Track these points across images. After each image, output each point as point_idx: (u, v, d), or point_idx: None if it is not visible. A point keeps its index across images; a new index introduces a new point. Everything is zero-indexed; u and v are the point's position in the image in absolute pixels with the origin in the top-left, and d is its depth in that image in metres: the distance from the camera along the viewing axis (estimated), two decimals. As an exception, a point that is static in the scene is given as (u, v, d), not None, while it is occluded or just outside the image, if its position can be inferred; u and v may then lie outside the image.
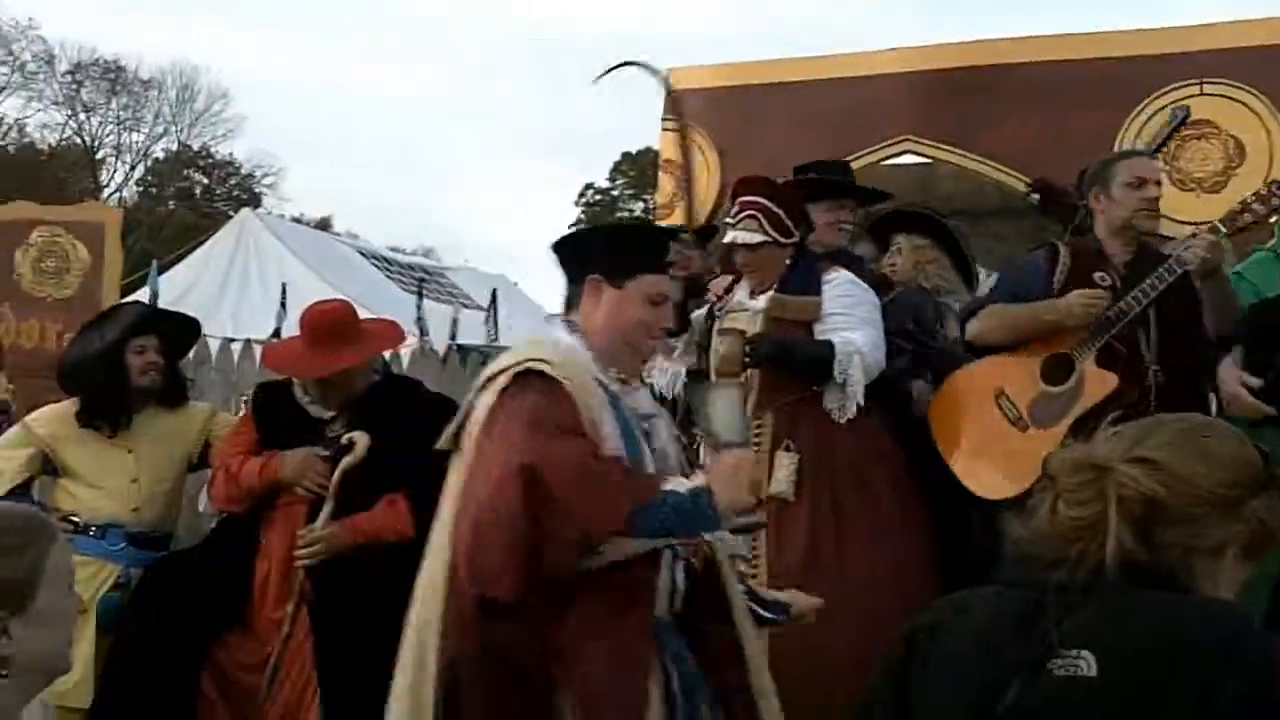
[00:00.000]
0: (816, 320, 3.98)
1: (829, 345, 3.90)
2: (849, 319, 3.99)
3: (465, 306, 13.70)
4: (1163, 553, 1.73)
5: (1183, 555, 1.74)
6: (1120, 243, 3.88)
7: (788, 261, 4.09)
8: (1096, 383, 3.68)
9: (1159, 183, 3.88)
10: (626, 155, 36.46)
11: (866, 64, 6.96)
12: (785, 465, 3.83)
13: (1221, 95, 6.03)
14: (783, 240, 4.06)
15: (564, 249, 2.88)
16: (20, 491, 4.37)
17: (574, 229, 4.71)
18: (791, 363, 3.94)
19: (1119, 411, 3.52)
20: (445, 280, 16.95)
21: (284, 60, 56.16)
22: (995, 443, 3.90)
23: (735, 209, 4.11)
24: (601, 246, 2.87)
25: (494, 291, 12.21)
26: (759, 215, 4.01)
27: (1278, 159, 5.84)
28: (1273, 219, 3.61)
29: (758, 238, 4.01)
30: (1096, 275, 3.83)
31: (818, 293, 4.03)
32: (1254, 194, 3.60)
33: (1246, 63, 6.00)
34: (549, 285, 5.37)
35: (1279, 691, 1.56)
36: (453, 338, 10.05)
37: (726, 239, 4.12)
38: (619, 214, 34.90)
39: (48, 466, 4.48)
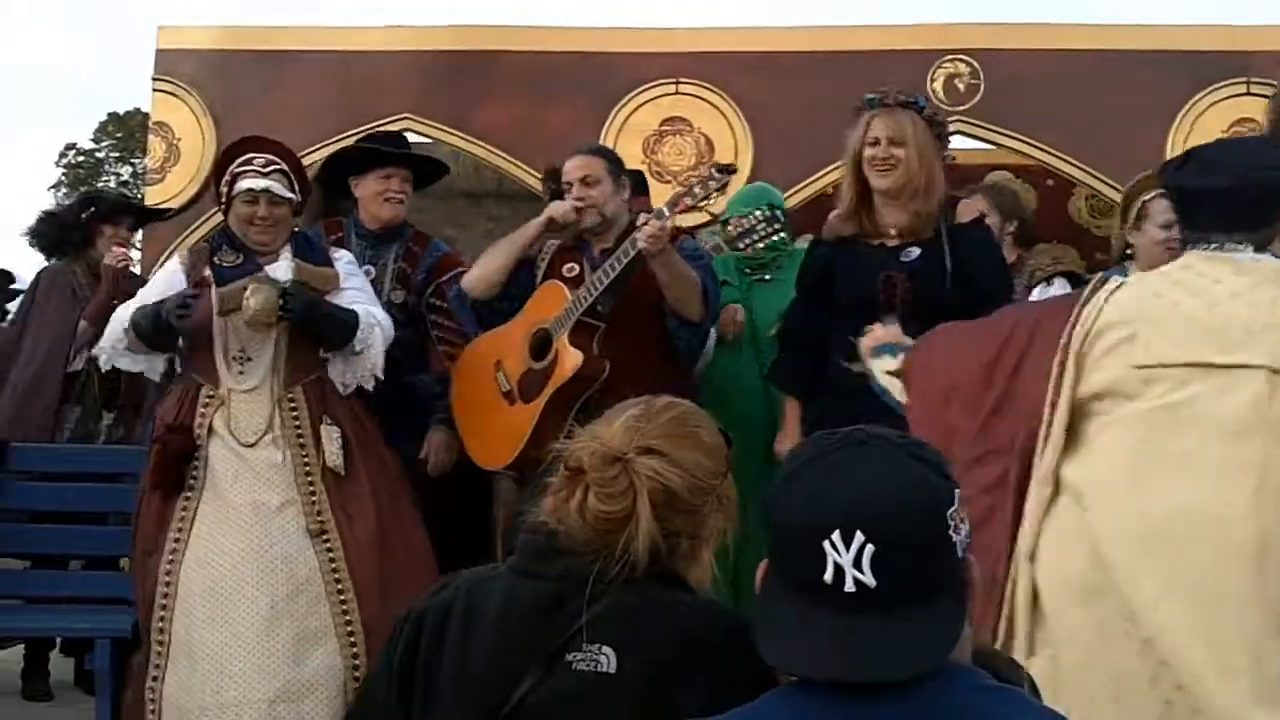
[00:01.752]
0: (333, 292, 3.89)
1: (354, 312, 3.83)
2: (363, 293, 3.96)
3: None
4: (671, 542, 1.79)
5: (683, 544, 1.81)
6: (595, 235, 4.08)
7: (294, 230, 3.98)
8: (565, 360, 3.80)
9: (584, 180, 4.00)
10: (113, 115, 34.15)
11: (365, 39, 6.95)
12: (332, 438, 3.75)
13: (695, 95, 6.56)
14: (298, 207, 3.97)
15: None
16: None
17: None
18: (320, 321, 3.80)
19: (595, 390, 3.81)
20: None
21: None
22: (491, 413, 4.00)
23: (258, 161, 3.86)
24: None
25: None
26: (288, 174, 3.87)
27: (742, 153, 6.42)
28: (710, 200, 3.79)
29: (287, 193, 3.85)
30: (565, 267, 4.03)
31: (330, 264, 3.96)
32: (697, 178, 3.79)
33: (715, 66, 6.56)
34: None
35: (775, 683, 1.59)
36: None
37: (248, 185, 3.81)
38: (104, 177, 32.66)
39: None
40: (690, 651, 1.73)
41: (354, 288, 3.94)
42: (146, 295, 3.90)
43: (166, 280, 3.96)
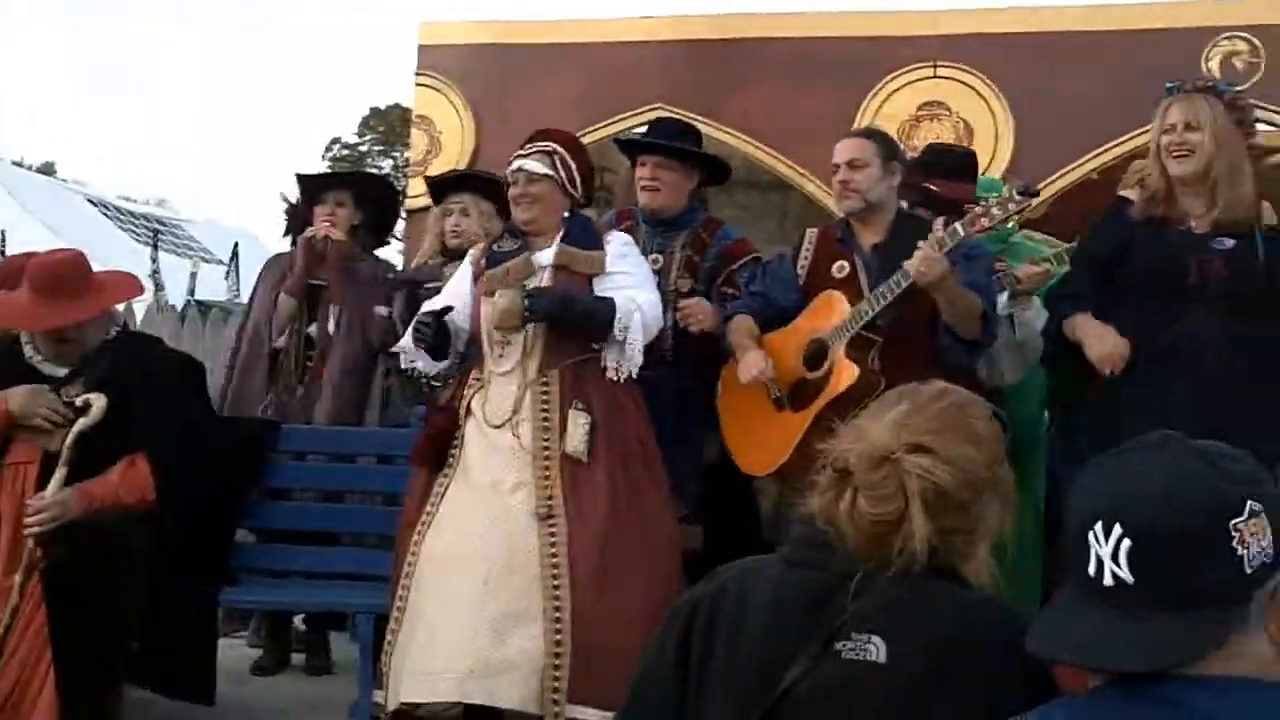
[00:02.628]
0: (599, 274, 3.91)
1: (610, 301, 3.85)
2: (632, 277, 3.95)
3: (205, 260, 13.20)
4: (947, 539, 1.75)
5: (958, 540, 1.77)
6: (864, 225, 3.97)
7: (565, 214, 3.99)
8: (841, 374, 3.75)
9: (851, 164, 3.90)
10: (375, 110, 35.70)
11: (620, 30, 7.01)
12: (579, 424, 3.77)
13: (954, 78, 6.35)
14: (566, 187, 3.97)
15: None
16: None
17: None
18: (571, 317, 3.84)
19: (869, 404, 3.68)
20: (182, 233, 16.27)
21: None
22: (760, 420, 3.96)
23: (527, 145, 3.98)
24: None
25: (235, 245, 11.77)
26: (551, 155, 3.92)
27: (1003, 139, 6.19)
28: (1009, 224, 3.71)
29: (543, 169, 3.90)
30: (835, 266, 3.94)
31: (600, 248, 3.98)
32: (997, 199, 3.66)
33: (975, 48, 6.34)
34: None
35: (1054, 688, 1.60)
36: (191, 293, 9.66)
37: (511, 167, 3.94)
38: (368, 170, 34.18)
39: None
40: (960, 646, 1.69)
41: (622, 271, 3.94)
42: (435, 301, 4.07)
43: (456, 282, 4.12)
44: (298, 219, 5.25)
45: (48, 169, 30.16)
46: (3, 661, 3.60)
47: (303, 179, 5.25)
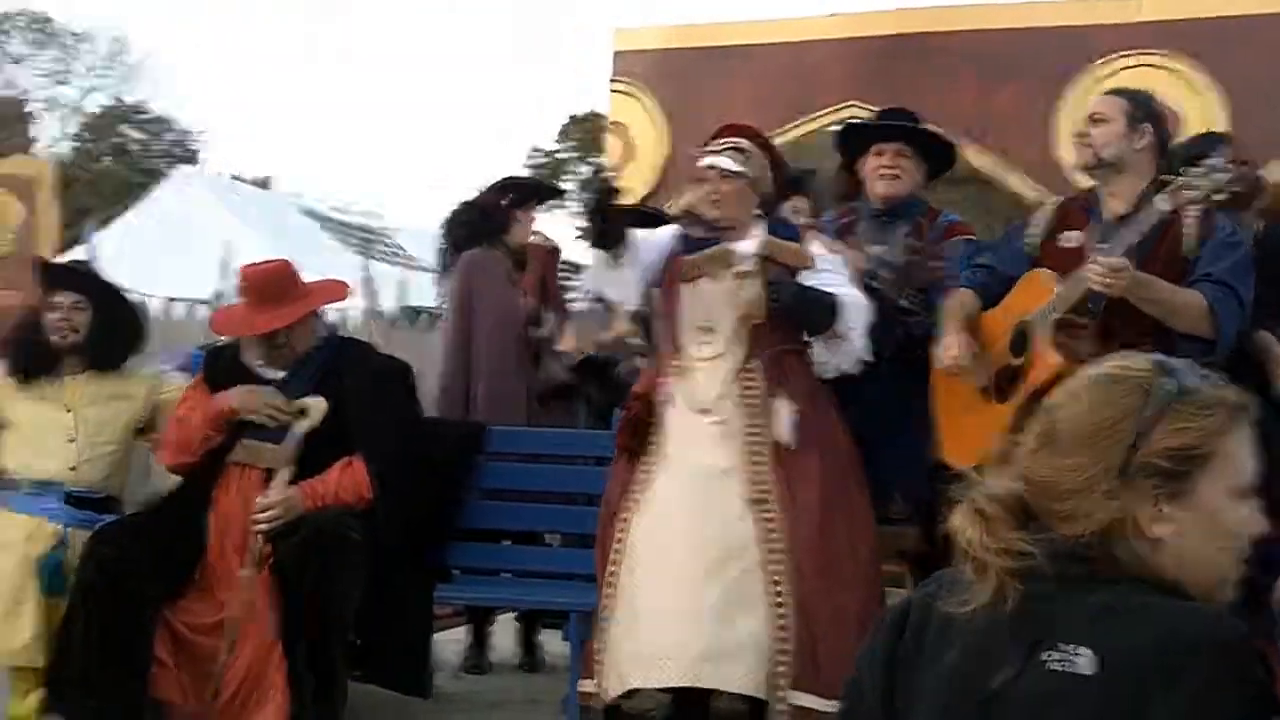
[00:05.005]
0: (806, 268, 3.87)
1: (834, 295, 3.81)
2: (838, 276, 3.90)
3: (414, 268, 13.64)
4: (1157, 545, 1.67)
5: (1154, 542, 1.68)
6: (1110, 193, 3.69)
7: (755, 213, 3.97)
8: (1042, 361, 3.51)
9: (1093, 117, 3.68)
10: (573, 118, 36.26)
11: (810, 28, 6.99)
12: (785, 412, 3.76)
13: (1160, 66, 6.12)
14: (758, 183, 3.95)
15: None
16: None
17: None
18: (805, 307, 3.81)
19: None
20: (392, 241, 16.84)
21: (220, 14, 55.18)
22: (966, 408, 3.83)
23: (717, 141, 3.97)
24: None
25: (444, 252, 12.11)
26: (743, 151, 3.91)
27: (1211, 124, 5.94)
28: (1221, 194, 3.27)
29: (736, 166, 3.89)
30: (1063, 235, 3.72)
31: (800, 241, 3.95)
32: (1199, 170, 3.26)
33: (1185, 34, 6.10)
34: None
35: (1273, 699, 1.53)
36: (402, 299, 10.00)
37: (703, 163, 3.92)
38: (565, 176, 34.72)
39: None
40: (1172, 655, 1.61)
41: (828, 269, 3.91)
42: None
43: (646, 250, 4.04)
44: (493, 222, 5.35)
45: (264, 183, 31.59)
46: (236, 651, 3.84)
47: (511, 183, 5.42)
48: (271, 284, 4.18)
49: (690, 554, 3.62)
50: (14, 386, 4.41)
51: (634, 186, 7.03)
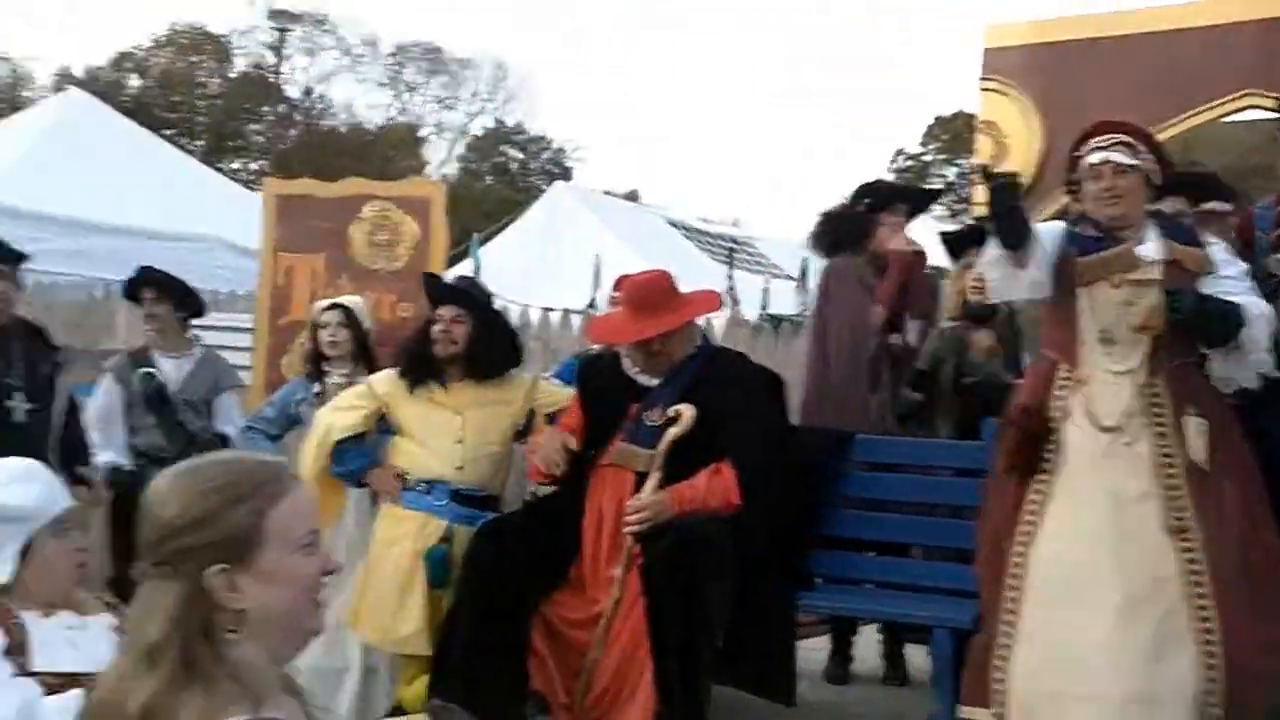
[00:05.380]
0: (1207, 274, 3.63)
1: (1236, 305, 3.55)
2: (1240, 284, 3.64)
3: (775, 276, 13.73)
4: None
5: None
6: None
7: (1145, 209, 3.74)
8: None
9: None
10: (939, 119, 35.56)
11: (1203, 13, 6.52)
12: (1198, 431, 3.51)
13: None
14: (1150, 178, 3.72)
15: None
16: (352, 444, 4.70)
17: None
18: (1206, 320, 3.57)
19: None
20: (754, 250, 17.02)
21: (593, 34, 57.57)
22: None
23: (1098, 138, 3.73)
24: None
25: (804, 260, 12.13)
26: (1132, 144, 3.68)
27: None
28: None
29: (1130, 160, 3.66)
30: None
31: (1199, 246, 3.70)
32: None
33: None
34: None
35: None
36: (764, 308, 10.07)
37: (1093, 160, 3.69)
38: (930, 179, 34.07)
39: (384, 425, 4.77)
40: None
41: (1229, 276, 3.65)
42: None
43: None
44: (855, 230, 5.27)
45: (633, 196, 32.69)
46: (605, 650, 3.95)
47: (869, 189, 5.32)
48: (651, 293, 4.30)
49: (1112, 587, 3.42)
50: (405, 392, 4.71)
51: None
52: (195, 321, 5.71)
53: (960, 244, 5.03)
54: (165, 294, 5.59)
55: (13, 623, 2.69)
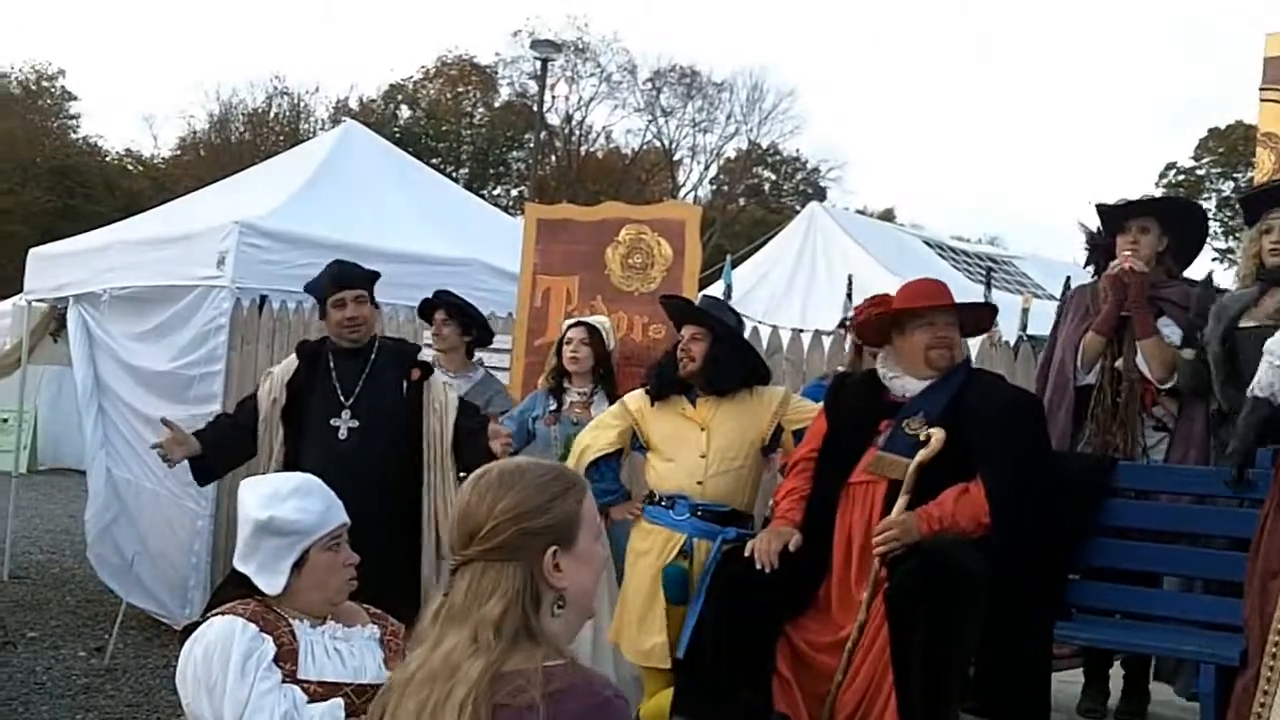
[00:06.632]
0: None
1: None
2: None
3: (1036, 296, 13.33)
4: None
5: None
6: None
7: None
8: None
9: None
10: (1214, 131, 33.84)
11: None
12: None
13: None
14: None
15: None
16: (608, 463, 4.82)
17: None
18: None
19: None
20: (1013, 269, 16.56)
21: (848, 56, 57.23)
22: None
23: None
24: None
25: (1067, 280, 11.73)
26: None
27: None
28: None
29: None
30: None
31: None
32: None
33: None
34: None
35: None
36: (1023, 328, 9.79)
37: None
38: (1204, 194, 32.45)
39: (637, 443, 4.87)
40: None
41: None
42: None
43: None
44: (1100, 249, 5.09)
45: (889, 215, 32.32)
46: (850, 675, 3.90)
47: (1103, 209, 5.10)
48: (935, 284, 4.40)
49: None
50: (652, 408, 4.81)
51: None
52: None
53: (1256, 205, 4.73)
54: (454, 316, 6.03)
55: (284, 630, 2.86)
